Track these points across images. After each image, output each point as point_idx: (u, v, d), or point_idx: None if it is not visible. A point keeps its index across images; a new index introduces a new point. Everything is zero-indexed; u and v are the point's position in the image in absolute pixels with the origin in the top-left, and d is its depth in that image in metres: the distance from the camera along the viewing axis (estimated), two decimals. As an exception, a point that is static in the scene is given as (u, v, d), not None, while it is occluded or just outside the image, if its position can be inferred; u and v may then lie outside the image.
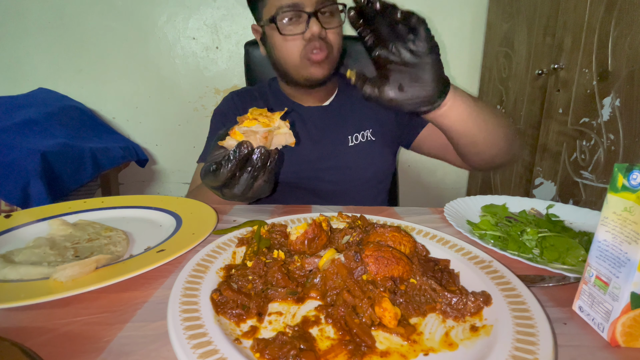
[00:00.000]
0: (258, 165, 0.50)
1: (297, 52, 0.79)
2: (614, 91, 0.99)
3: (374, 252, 0.40)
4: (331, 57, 0.81)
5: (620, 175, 0.34)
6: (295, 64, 0.81)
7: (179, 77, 1.80)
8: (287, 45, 0.79)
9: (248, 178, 0.51)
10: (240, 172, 0.51)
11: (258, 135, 0.51)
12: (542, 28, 1.31)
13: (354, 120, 0.92)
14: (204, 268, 0.42)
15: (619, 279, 0.33)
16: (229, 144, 0.52)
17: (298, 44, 0.78)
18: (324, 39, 0.78)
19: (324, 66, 0.81)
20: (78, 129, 1.49)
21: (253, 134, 0.51)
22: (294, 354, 0.29)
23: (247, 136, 0.51)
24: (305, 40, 0.78)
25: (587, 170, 1.09)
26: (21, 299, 0.35)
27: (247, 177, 0.51)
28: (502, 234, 0.56)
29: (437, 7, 1.76)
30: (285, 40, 0.79)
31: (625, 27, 0.95)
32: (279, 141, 0.54)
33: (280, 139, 0.53)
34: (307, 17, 0.75)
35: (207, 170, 0.52)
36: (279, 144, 0.54)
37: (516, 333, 0.32)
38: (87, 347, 0.31)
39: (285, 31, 0.77)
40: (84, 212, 0.63)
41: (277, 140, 0.54)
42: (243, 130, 0.51)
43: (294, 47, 0.79)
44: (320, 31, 0.76)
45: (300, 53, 0.79)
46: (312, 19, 0.75)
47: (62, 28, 1.69)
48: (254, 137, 0.51)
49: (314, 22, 0.75)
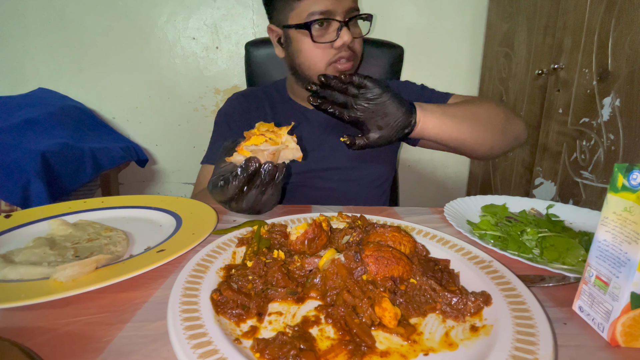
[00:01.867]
0: (266, 180, 0.52)
1: (325, 60, 0.79)
2: (614, 91, 0.99)
3: (374, 252, 0.40)
4: (354, 65, 0.82)
5: (620, 175, 0.34)
6: (320, 71, 0.81)
7: (179, 77, 1.80)
8: (316, 52, 0.79)
9: (256, 193, 0.53)
10: (247, 187, 0.53)
11: (266, 152, 0.52)
12: (542, 28, 1.31)
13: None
14: (204, 268, 0.42)
15: (619, 279, 0.33)
16: (237, 159, 0.53)
17: (327, 52, 0.79)
18: (351, 48, 0.79)
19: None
20: (78, 129, 1.49)
21: (261, 152, 0.52)
22: (294, 354, 0.29)
23: (254, 153, 0.52)
24: (335, 48, 0.78)
25: (587, 170, 1.09)
26: (21, 299, 0.35)
27: (255, 192, 0.53)
28: (502, 234, 0.56)
29: (437, 7, 1.76)
30: (315, 47, 0.78)
31: (625, 27, 0.94)
32: (287, 156, 0.55)
33: (288, 154, 0.55)
34: (339, 25, 0.76)
35: (214, 185, 0.55)
36: (287, 159, 0.55)
37: (516, 333, 0.32)
38: (87, 347, 0.31)
39: (318, 39, 0.77)
40: (84, 212, 0.63)
41: (285, 154, 0.55)
42: (251, 149, 0.52)
43: (323, 55, 0.79)
44: (350, 40, 0.77)
45: (328, 61, 0.79)
46: (344, 28, 0.76)
47: (62, 28, 1.69)
48: (261, 153, 0.52)
49: (345, 31, 0.76)
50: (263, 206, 0.58)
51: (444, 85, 1.87)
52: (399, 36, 1.74)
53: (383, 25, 1.77)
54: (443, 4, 1.76)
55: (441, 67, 1.85)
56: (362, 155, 0.90)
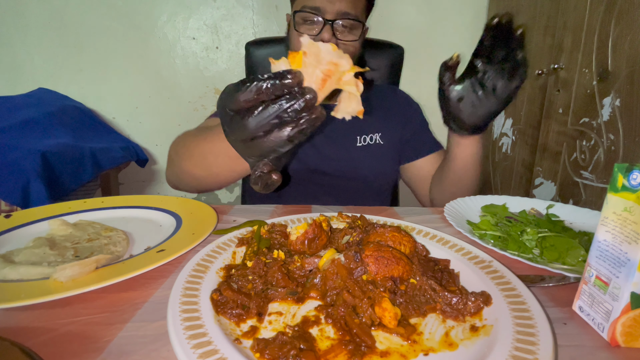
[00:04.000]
0: (294, 107, 0.36)
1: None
2: (614, 91, 0.99)
3: (374, 252, 0.40)
4: None
5: (620, 175, 0.34)
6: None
7: (179, 77, 1.80)
8: (298, 42, 0.83)
9: (272, 114, 0.37)
10: (268, 102, 0.37)
11: (318, 70, 0.37)
12: (542, 28, 1.31)
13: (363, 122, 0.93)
14: (204, 268, 0.42)
15: (619, 279, 0.33)
16: (279, 67, 0.38)
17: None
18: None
19: None
20: (78, 129, 1.49)
21: (312, 68, 0.37)
22: (294, 354, 0.29)
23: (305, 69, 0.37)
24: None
25: (587, 170, 1.09)
26: (21, 299, 0.35)
27: (272, 112, 0.37)
28: (502, 234, 0.56)
29: (437, 7, 1.76)
30: (298, 36, 0.82)
31: (625, 27, 0.95)
32: (342, 102, 0.40)
33: (344, 99, 0.40)
34: (323, 23, 0.79)
35: (229, 88, 0.39)
36: (341, 109, 0.41)
37: (516, 333, 0.32)
38: (87, 347, 0.31)
39: (299, 29, 0.81)
40: (84, 212, 0.63)
41: (341, 98, 0.40)
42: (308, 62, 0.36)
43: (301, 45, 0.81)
44: (329, 40, 0.79)
45: None
46: (326, 26, 0.79)
47: (62, 28, 1.69)
48: (312, 71, 0.37)
49: (326, 30, 0.79)
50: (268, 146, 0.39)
51: (444, 85, 1.88)
52: (399, 36, 1.73)
53: (383, 25, 1.77)
54: (443, 4, 1.76)
55: (441, 67, 1.85)
56: (367, 156, 0.91)
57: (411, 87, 1.82)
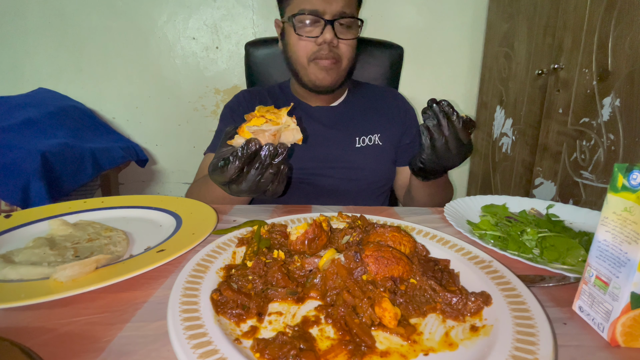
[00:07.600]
0: (267, 162, 0.51)
1: (307, 54, 0.84)
2: (614, 91, 0.99)
3: (374, 252, 0.40)
4: (339, 66, 0.85)
5: (620, 175, 0.34)
6: (303, 65, 0.85)
7: (179, 77, 1.80)
8: (300, 46, 0.84)
9: (256, 174, 0.53)
10: (247, 168, 0.53)
11: (267, 133, 0.51)
12: (542, 28, 1.31)
13: (362, 123, 0.95)
14: (204, 268, 0.42)
15: (619, 279, 0.33)
16: (238, 142, 0.53)
17: (309, 47, 0.83)
18: (335, 47, 0.83)
19: (331, 74, 0.85)
20: (78, 129, 1.49)
21: (262, 133, 0.51)
22: (294, 354, 0.29)
23: (255, 135, 0.51)
24: (317, 44, 0.82)
25: (587, 170, 1.09)
26: (21, 299, 0.35)
27: (255, 173, 0.53)
28: (502, 234, 0.56)
29: (437, 7, 1.76)
30: (299, 40, 0.83)
31: (625, 27, 0.94)
32: (287, 138, 0.54)
33: (288, 136, 0.54)
34: (324, 24, 0.80)
35: (214, 166, 0.54)
36: (287, 141, 0.54)
37: (516, 333, 0.32)
38: (87, 347, 0.31)
39: (300, 32, 0.82)
40: (84, 212, 0.63)
41: (285, 137, 0.54)
42: (253, 130, 0.51)
43: (305, 49, 0.83)
44: (332, 39, 0.81)
45: (309, 56, 0.84)
46: (327, 27, 0.80)
47: (62, 28, 1.69)
48: (262, 135, 0.51)
49: (328, 30, 0.80)
50: (264, 188, 0.56)
51: (444, 85, 1.88)
52: (399, 36, 1.74)
53: (383, 25, 1.77)
54: (443, 4, 1.76)
55: (441, 67, 1.85)
56: (366, 157, 0.92)
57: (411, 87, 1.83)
